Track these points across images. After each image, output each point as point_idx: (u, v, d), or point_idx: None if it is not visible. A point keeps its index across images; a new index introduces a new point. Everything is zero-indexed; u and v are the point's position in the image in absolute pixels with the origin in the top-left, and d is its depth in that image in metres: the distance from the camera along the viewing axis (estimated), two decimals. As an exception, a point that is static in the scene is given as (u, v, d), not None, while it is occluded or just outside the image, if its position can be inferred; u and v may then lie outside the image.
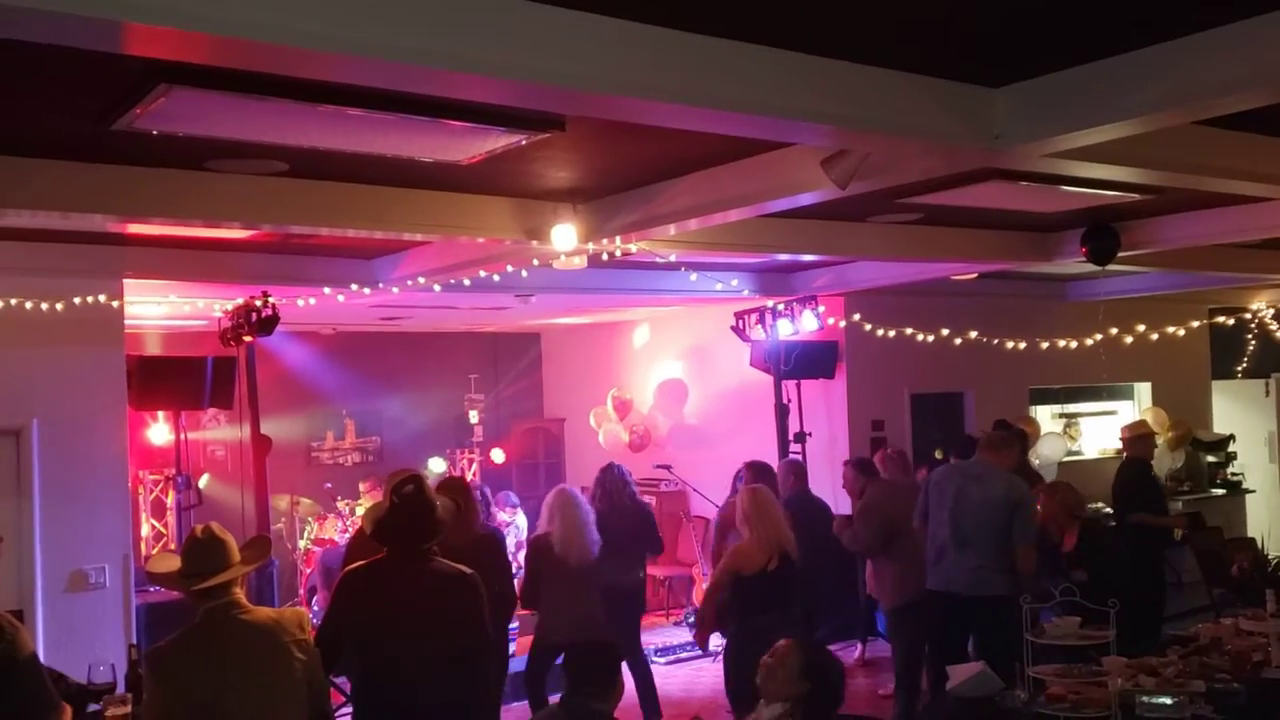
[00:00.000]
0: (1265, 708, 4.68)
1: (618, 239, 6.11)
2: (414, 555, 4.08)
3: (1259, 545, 9.60)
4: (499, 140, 4.57)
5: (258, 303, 7.57)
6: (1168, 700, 4.82)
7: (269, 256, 7.35)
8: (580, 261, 6.70)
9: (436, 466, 11.23)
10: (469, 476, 11.03)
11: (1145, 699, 4.83)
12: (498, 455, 11.60)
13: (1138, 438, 8.62)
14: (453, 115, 4.13)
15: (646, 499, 10.39)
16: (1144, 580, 7.85)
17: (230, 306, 7.99)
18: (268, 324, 7.58)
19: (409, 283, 7.34)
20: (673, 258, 6.78)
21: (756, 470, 7.90)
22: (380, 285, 7.53)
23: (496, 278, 7.07)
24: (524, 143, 4.59)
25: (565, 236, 5.90)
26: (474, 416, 11.76)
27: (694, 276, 7.04)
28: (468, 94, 3.47)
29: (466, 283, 7.18)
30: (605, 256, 6.50)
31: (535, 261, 6.62)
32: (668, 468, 10.91)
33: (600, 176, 5.57)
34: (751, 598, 5.87)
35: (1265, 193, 5.67)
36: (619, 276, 8.63)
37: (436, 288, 7.46)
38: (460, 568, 4.16)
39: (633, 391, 11.89)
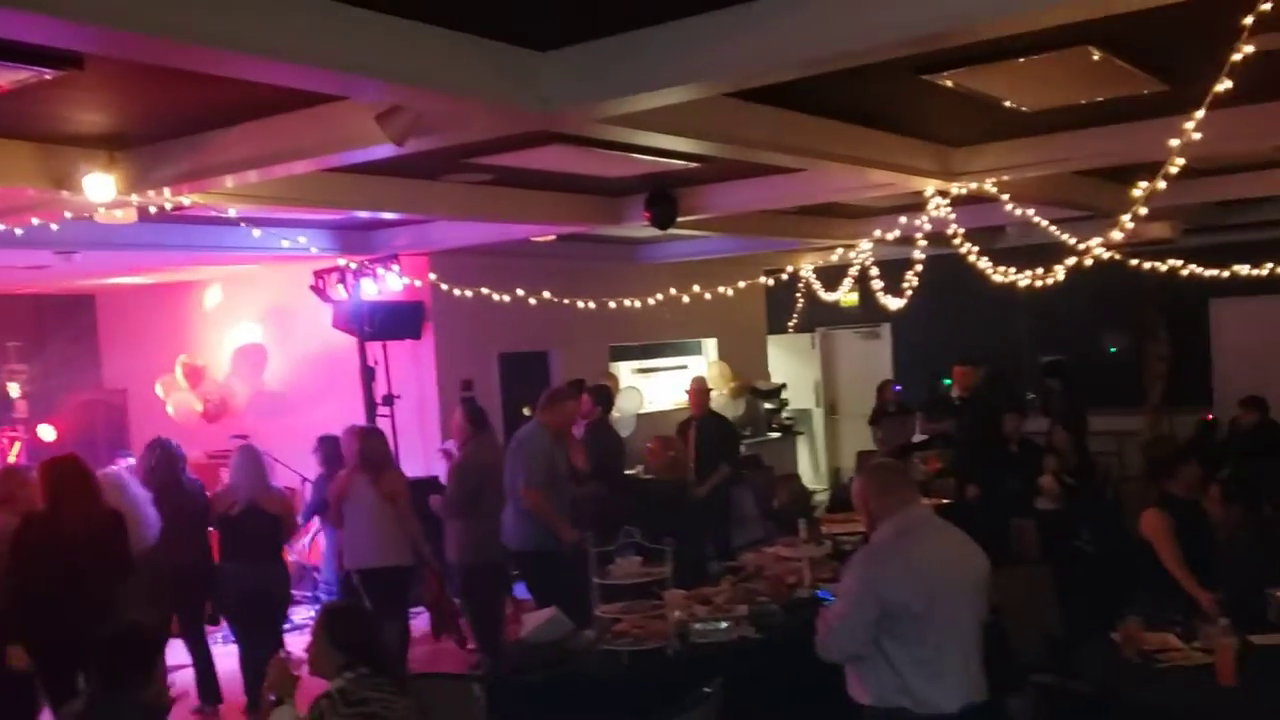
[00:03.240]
0: (798, 622, 5.18)
1: (166, 191, 5.65)
2: None
3: (800, 480, 10.70)
4: (13, 74, 4.07)
5: None
6: (720, 625, 5.27)
7: None
8: (127, 215, 6.13)
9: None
10: (11, 458, 9.89)
11: (699, 626, 5.25)
12: (47, 432, 10.43)
13: (698, 391, 9.38)
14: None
15: (225, 472, 9.86)
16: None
17: None
18: None
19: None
20: (232, 213, 6.40)
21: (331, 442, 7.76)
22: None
23: (19, 232, 6.29)
24: (34, 80, 4.11)
25: (100, 187, 5.35)
26: (15, 390, 10.48)
27: (257, 233, 6.67)
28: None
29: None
30: (154, 210, 6.00)
31: (68, 214, 5.97)
32: (245, 438, 10.36)
33: (139, 122, 5.11)
34: (227, 541, 6.88)
35: (796, 164, 6.26)
36: (179, 232, 8.00)
37: (-44, 242, 6.56)
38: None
39: (206, 357, 11.14)
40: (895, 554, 3.83)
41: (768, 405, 13.67)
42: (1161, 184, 4.52)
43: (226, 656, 7.39)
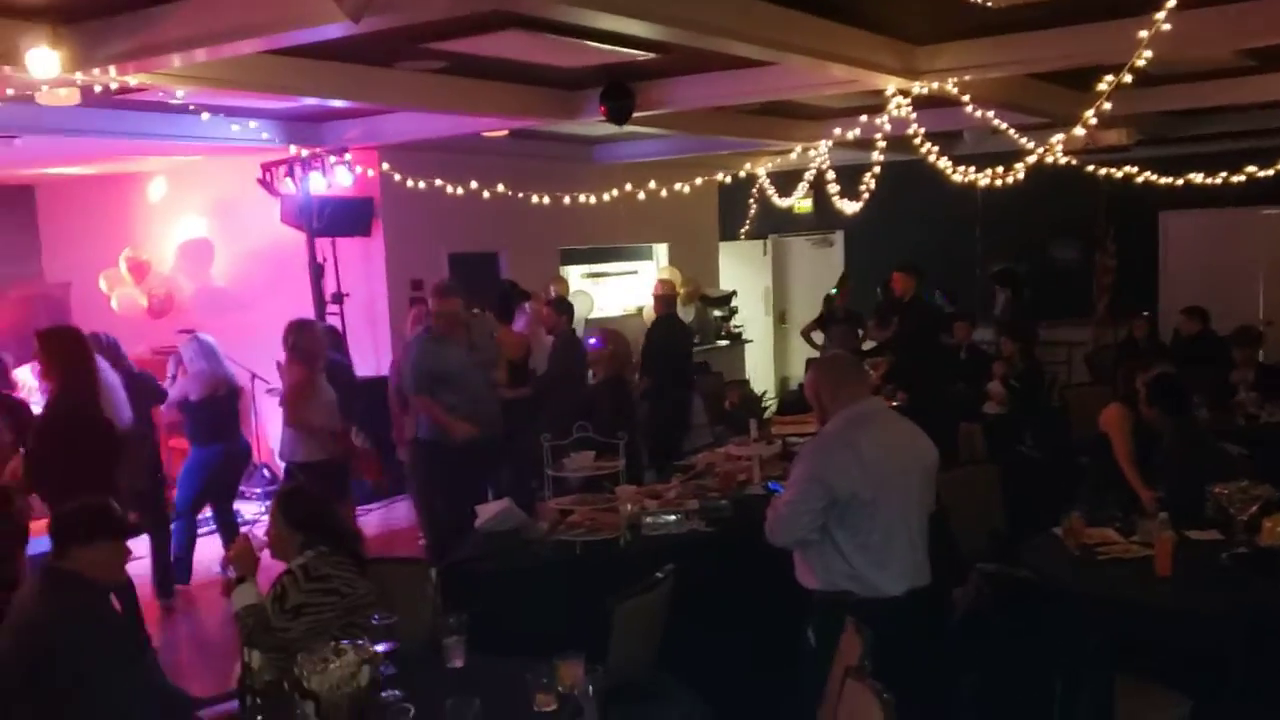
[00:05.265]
0: (745, 516, 5.28)
1: (112, 70, 5.45)
2: None
3: (750, 385, 10.78)
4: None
5: None
6: (670, 518, 5.34)
7: None
8: (69, 94, 5.92)
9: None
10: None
11: (650, 519, 5.32)
12: (-14, 326, 10.23)
13: (667, 296, 9.44)
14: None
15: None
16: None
17: None
18: None
19: None
20: (181, 95, 6.20)
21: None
22: None
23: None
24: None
25: (44, 62, 5.13)
26: (-48, 284, 10.26)
27: (205, 117, 6.48)
28: None
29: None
30: (98, 89, 5.79)
31: (11, 92, 5.75)
32: (192, 333, 10.22)
33: (83, -7, 4.93)
34: (210, 424, 7.56)
35: (761, 55, 6.16)
36: (122, 118, 7.74)
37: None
38: None
39: (150, 252, 10.95)
40: (845, 443, 3.88)
41: (717, 313, 13.70)
42: (1128, 77, 4.52)
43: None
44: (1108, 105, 4.90)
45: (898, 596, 3.83)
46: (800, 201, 11.28)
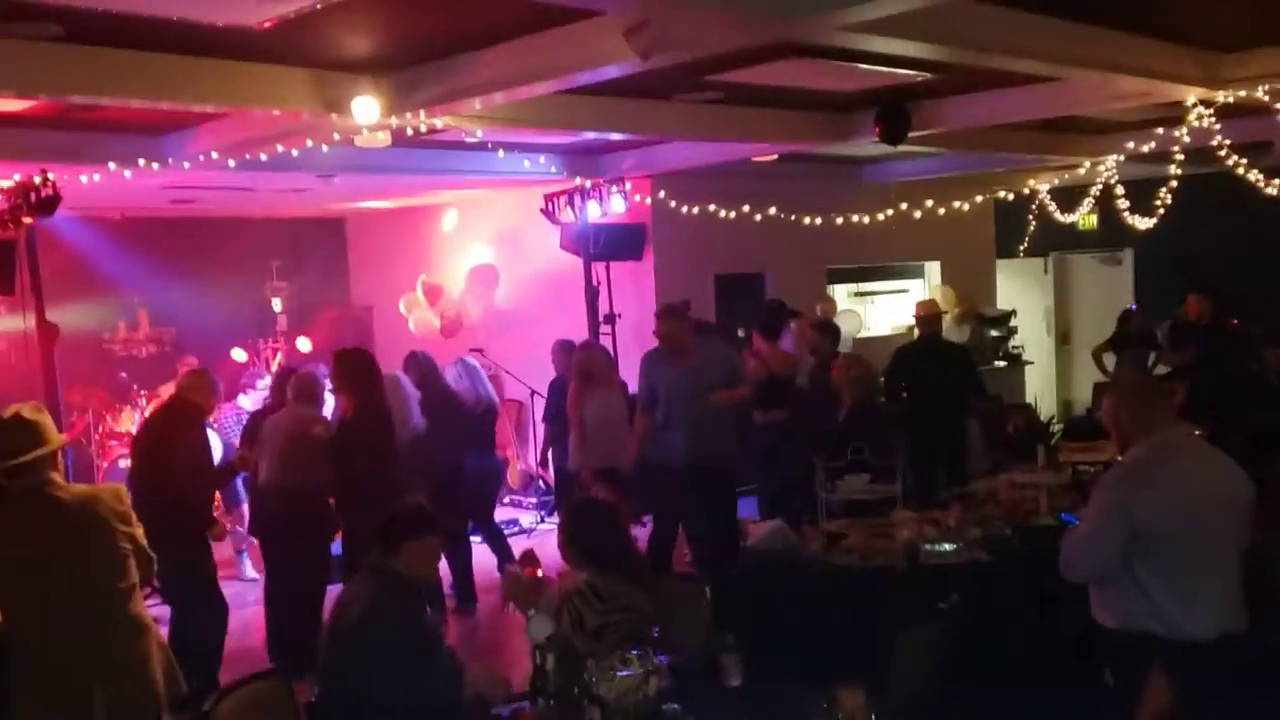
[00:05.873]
0: (1033, 549, 5.05)
1: (422, 114, 5.95)
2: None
3: (1034, 409, 10.32)
4: (291, 3, 4.38)
5: (36, 180, 7.07)
6: (949, 547, 5.20)
7: (47, 131, 6.84)
8: (384, 138, 6.51)
9: (238, 356, 10.87)
10: (274, 366, 10.74)
11: (928, 547, 5.21)
12: (304, 344, 11.29)
13: (929, 317, 9.20)
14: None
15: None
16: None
17: (6, 186, 7.45)
18: (48, 204, 7.10)
19: (200, 158, 6.97)
20: (479, 134, 6.66)
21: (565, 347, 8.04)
22: (170, 162, 7.12)
23: (295, 153, 6.77)
24: (319, 6, 4.40)
25: (367, 109, 5.70)
26: (277, 305, 11.38)
27: (501, 154, 6.94)
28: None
29: (263, 158, 6.84)
30: (410, 132, 6.33)
31: (336, 136, 6.38)
32: (480, 352, 10.89)
33: (401, 46, 5.39)
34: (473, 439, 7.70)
35: (1044, 70, 5.97)
36: (425, 156, 8.42)
37: (231, 164, 7.11)
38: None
39: (443, 277, 11.75)
40: (1151, 474, 3.69)
41: (994, 333, 13.21)
42: None
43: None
44: None
45: (1208, 641, 3.60)
46: (1086, 217, 10.74)
